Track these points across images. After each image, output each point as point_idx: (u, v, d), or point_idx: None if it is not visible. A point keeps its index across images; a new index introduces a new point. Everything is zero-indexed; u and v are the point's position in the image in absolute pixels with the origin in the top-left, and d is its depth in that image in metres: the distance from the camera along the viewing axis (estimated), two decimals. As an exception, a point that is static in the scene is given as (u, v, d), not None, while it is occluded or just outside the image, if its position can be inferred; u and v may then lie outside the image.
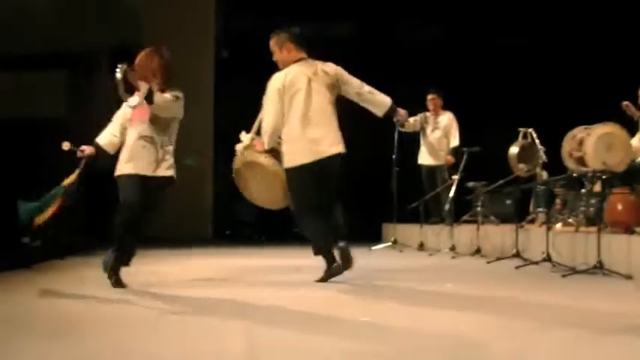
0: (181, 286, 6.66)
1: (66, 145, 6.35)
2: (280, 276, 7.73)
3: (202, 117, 15.38)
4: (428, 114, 12.01)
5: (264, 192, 6.88)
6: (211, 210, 15.81)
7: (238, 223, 15.59)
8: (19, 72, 13.28)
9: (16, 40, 12.78)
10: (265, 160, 6.70)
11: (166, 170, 6.30)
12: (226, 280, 7.27)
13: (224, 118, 15.69)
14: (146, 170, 6.21)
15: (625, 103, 8.31)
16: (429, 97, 11.98)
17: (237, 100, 16.47)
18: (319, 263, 6.71)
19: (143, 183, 6.19)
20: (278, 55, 6.85)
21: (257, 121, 6.86)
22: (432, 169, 11.93)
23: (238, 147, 6.83)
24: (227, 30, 16.02)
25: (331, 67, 6.84)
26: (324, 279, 6.62)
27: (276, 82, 6.68)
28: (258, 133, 6.82)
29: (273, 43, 6.86)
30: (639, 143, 8.86)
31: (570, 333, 4.20)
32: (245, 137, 6.84)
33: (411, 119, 11.77)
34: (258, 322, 4.60)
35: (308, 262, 7.20)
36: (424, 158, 12.05)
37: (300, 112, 6.56)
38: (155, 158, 6.24)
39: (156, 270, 7.87)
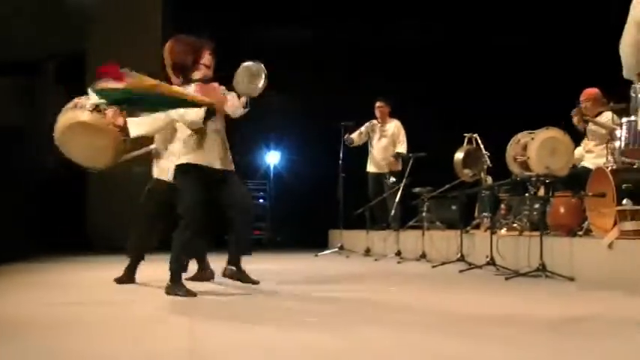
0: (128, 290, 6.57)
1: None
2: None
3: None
4: (375, 122, 12.04)
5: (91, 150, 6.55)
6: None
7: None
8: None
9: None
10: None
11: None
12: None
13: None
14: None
15: (575, 110, 8.43)
16: (377, 105, 12.01)
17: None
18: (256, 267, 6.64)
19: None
20: None
21: None
22: (378, 176, 11.95)
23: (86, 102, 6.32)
24: (175, 31, 15.87)
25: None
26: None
27: None
28: None
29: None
30: (583, 150, 8.94)
31: (507, 332, 4.19)
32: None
33: (356, 134, 11.82)
34: (200, 321, 4.53)
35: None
36: (371, 166, 12.07)
37: None
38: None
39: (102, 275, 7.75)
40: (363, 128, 12.01)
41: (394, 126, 11.92)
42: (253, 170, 16.59)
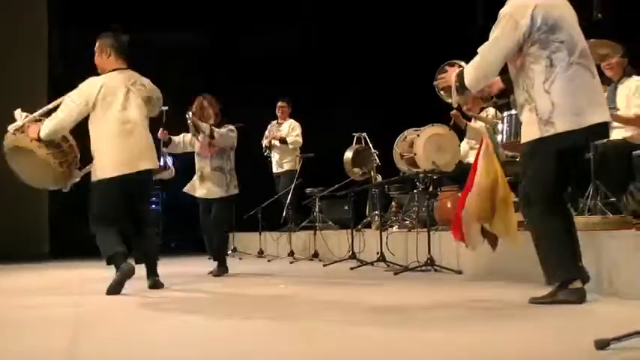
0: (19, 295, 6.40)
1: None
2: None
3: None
4: (274, 122, 12.05)
5: (35, 176, 6.45)
6: (47, 226, 15.29)
7: (75, 239, 15.13)
8: None
9: None
10: (37, 148, 6.20)
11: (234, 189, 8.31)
12: (59, 289, 7.00)
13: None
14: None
15: (453, 112, 8.51)
16: (278, 104, 12.03)
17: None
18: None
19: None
20: (98, 59, 6.55)
21: (48, 106, 6.50)
22: (277, 176, 11.94)
23: (10, 127, 6.31)
24: (62, 44, 15.58)
25: (148, 82, 6.61)
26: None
27: (91, 86, 6.32)
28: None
29: (96, 46, 6.61)
30: (468, 146, 9.10)
31: (389, 318, 4.24)
32: (19, 117, 6.36)
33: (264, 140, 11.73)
34: (84, 325, 4.43)
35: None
36: (274, 166, 12.03)
37: (115, 123, 6.25)
38: (225, 182, 8.20)
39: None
40: (266, 132, 12.00)
41: (288, 125, 11.91)
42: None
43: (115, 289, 6.00)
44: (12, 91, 13.82)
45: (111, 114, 6.27)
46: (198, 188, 8.27)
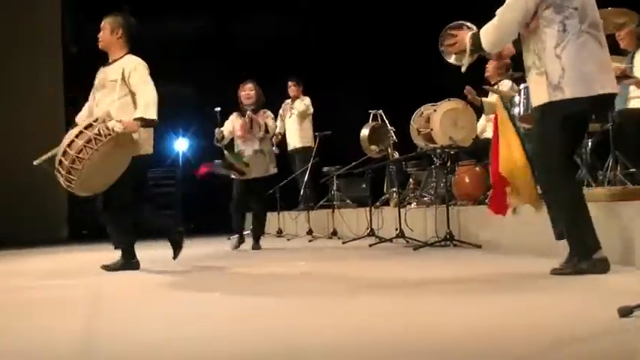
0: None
1: None
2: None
3: (53, 115, 14.97)
4: (287, 101, 12.00)
5: (109, 174, 6.35)
6: (66, 210, 15.39)
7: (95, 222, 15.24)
8: None
9: None
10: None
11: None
12: (77, 271, 7.02)
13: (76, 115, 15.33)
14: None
15: (467, 88, 8.43)
16: (289, 84, 11.93)
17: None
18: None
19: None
20: (106, 36, 6.52)
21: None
22: (291, 154, 11.90)
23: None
24: (75, 26, 15.64)
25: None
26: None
27: (147, 68, 6.40)
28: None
29: (107, 22, 6.53)
30: (485, 122, 9.03)
31: (404, 294, 4.22)
32: (113, 121, 6.00)
33: (278, 121, 11.50)
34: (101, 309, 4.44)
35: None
36: (289, 145, 11.98)
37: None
38: (266, 163, 8.93)
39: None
40: (280, 111, 11.93)
41: (302, 103, 11.83)
42: (162, 158, 16.41)
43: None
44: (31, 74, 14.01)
45: None
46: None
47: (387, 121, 10.40)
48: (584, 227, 4.53)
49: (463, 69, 5.08)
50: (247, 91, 9.10)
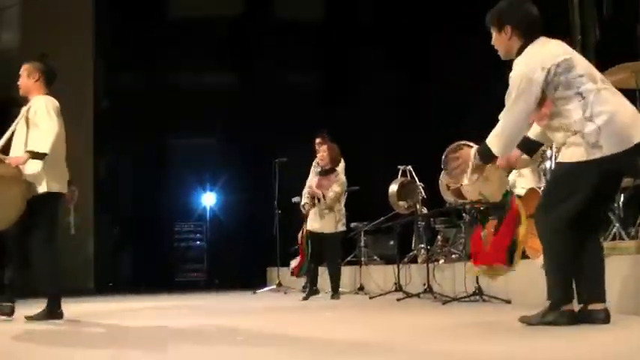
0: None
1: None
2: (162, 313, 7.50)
3: (83, 169, 15.06)
4: (315, 163, 11.78)
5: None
6: (92, 263, 15.44)
7: (119, 275, 15.38)
8: None
9: None
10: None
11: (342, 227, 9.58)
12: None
13: (104, 170, 15.51)
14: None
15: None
16: (317, 141, 11.50)
17: (117, 152, 16.39)
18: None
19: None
20: (24, 81, 6.57)
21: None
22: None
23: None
24: (107, 82, 15.87)
25: None
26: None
27: (54, 105, 6.43)
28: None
29: (23, 68, 6.61)
30: (516, 177, 8.96)
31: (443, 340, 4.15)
32: None
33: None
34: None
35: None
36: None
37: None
38: (335, 220, 9.51)
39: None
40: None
41: None
42: (190, 212, 16.48)
43: None
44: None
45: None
46: (312, 222, 9.51)
47: (416, 177, 10.39)
48: (559, 276, 4.55)
49: (467, 183, 5.07)
50: (322, 153, 9.78)
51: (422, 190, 10.19)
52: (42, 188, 6.22)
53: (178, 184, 16.34)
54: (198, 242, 16.35)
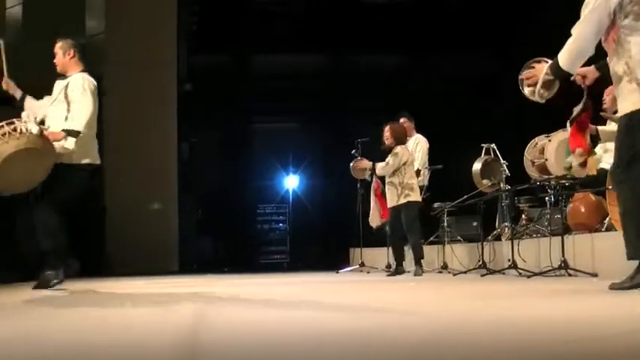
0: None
1: None
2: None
3: (167, 152, 15.33)
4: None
5: (26, 174, 6.31)
6: (177, 245, 15.70)
7: (203, 257, 15.61)
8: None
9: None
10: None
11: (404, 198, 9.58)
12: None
13: (187, 153, 15.71)
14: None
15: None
16: (400, 122, 11.49)
17: (200, 135, 16.60)
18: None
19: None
20: (60, 59, 6.87)
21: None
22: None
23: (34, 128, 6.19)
24: (190, 64, 16.06)
25: None
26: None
27: (92, 84, 6.74)
28: None
29: (57, 47, 6.89)
30: (602, 150, 8.80)
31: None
32: (31, 122, 6.19)
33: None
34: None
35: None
36: None
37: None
38: (397, 194, 9.66)
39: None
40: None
41: (413, 141, 11.62)
42: (273, 194, 16.63)
43: None
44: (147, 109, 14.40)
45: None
46: (389, 200, 9.83)
47: (499, 155, 10.28)
48: None
49: (541, 100, 5.02)
50: (385, 132, 9.97)
51: (505, 169, 10.07)
52: (68, 160, 6.55)
53: (261, 167, 16.51)
54: (280, 224, 16.50)
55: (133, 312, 4.43)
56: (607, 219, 7.55)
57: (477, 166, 10.36)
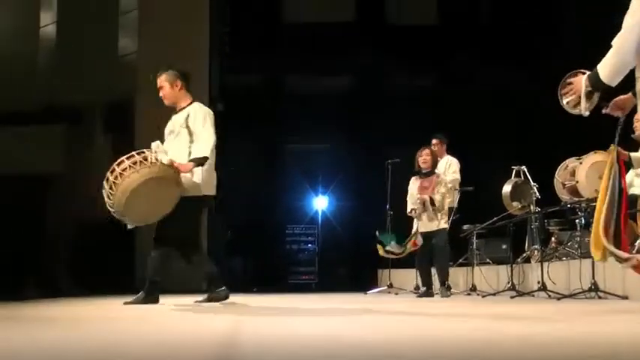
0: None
1: None
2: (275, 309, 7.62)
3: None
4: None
5: (155, 205, 6.49)
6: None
7: (231, 277, 15.65)
8: (19, 127, 13.40)
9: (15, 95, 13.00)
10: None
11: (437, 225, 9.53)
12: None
13: (218, 173, 15.78)
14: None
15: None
16: (433, 142, 11.23)
17: (231, 155, 16.68)
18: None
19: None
20: (168, 91, 6.98)
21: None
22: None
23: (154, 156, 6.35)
24: (222, 84, 16.16)
25: None
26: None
27: (210, 115, 6.92)
28: None
29: (162, 79, 6.99)
30: (633, 177, 8.77)
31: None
32: (161, 152, 6.42)
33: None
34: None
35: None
36: None
37: None
38: (437, 218, 9.55)
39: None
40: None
41: (444, 163, 11.49)
42: (302, 215, 16.67)
43: None
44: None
45: None
46: (423, 226, 9.69)
47: (529, 177, 10.27)
48: None
49: (583, 112, 4.86)
50: (424, 156, 9.83)
51: (536, 191, 10.05)
52: (195, 192, 6.67)
53: (290, 187, 16.56)
54: (309, 245, 16.53)
55: (168, 322, 4.48)
56: (638, 242, 7.52)
57: (506, 188, 10.38)
